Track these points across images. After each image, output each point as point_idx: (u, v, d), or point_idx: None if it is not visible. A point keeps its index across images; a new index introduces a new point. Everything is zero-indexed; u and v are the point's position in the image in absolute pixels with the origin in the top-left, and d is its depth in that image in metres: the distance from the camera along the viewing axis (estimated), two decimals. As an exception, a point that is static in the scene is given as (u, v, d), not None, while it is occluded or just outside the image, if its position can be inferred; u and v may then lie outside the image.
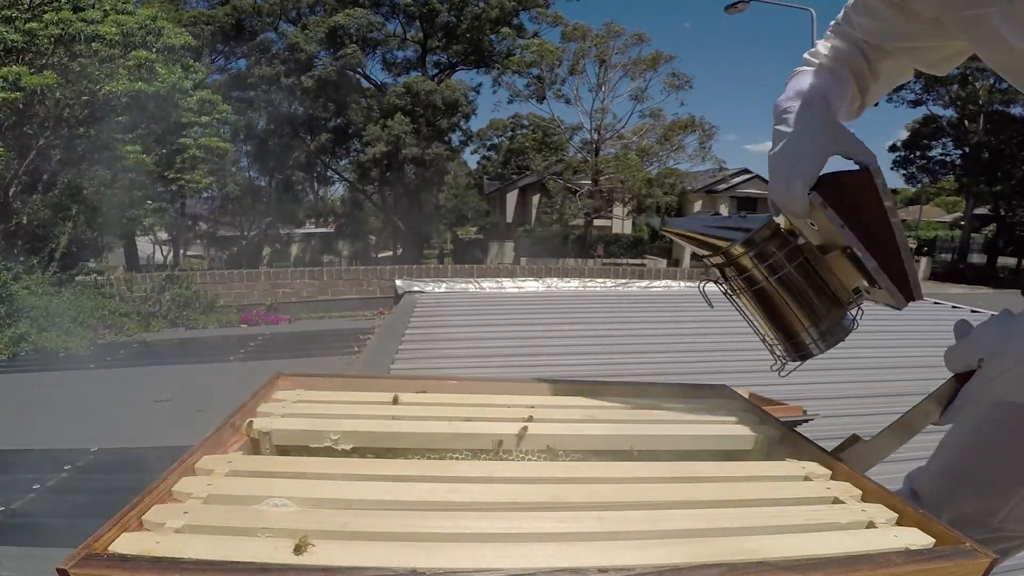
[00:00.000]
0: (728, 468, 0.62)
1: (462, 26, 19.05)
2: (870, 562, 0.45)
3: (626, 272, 7.02)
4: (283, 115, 19.10)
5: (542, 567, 0.43)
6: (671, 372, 3.20)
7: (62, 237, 6.10)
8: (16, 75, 5.43)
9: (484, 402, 0.79)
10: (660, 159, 20.41)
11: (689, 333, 4.08)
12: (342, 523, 0.48)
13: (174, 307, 5.63)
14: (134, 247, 13.35)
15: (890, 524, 0.53)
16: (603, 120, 19.92)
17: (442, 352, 3.63)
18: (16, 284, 4.65)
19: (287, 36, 18.30)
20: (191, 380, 3.56)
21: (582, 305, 5.28)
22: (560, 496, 0.54)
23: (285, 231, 21.24)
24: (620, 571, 0.42)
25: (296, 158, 19.77)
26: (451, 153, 19.77)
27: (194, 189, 8.95)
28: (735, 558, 0.46)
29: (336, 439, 0.67)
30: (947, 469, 0.89)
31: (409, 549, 0.45)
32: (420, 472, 0.57)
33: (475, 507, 0.52)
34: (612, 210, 22.29)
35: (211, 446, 0.62)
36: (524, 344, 3.88)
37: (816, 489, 0.59)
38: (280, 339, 4.71)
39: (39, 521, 1.93)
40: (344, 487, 0.54)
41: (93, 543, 0.43)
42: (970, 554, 0.46)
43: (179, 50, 7.39)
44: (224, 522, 0.48)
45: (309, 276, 6.42)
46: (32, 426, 2.78)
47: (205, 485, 0.53)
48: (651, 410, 0.78)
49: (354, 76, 19.13)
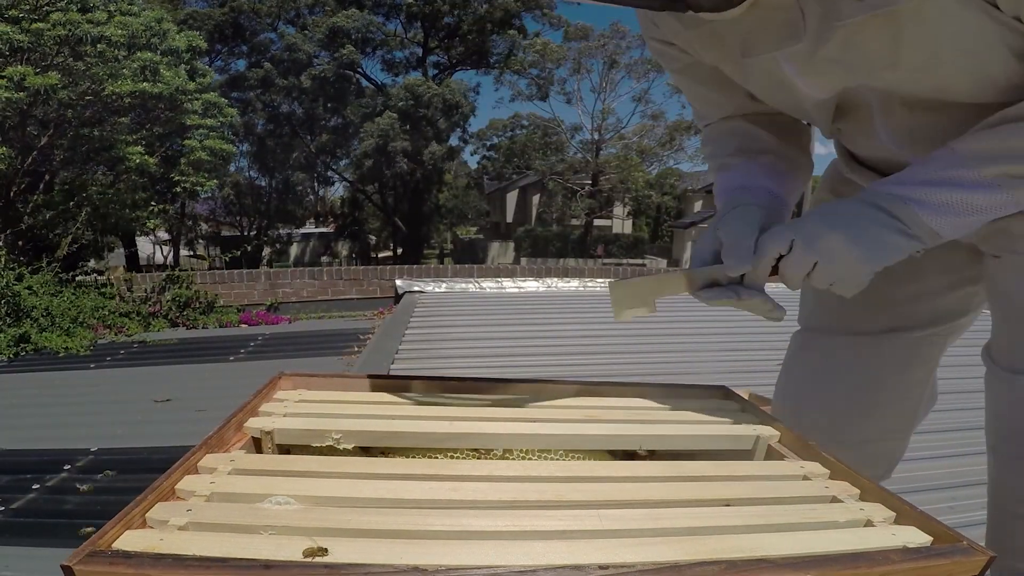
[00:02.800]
0: (728, 468, 0.63)
1: (464, 27, 19.06)
2: (868, 560, 0.45)
3: (626, 272, 7.02)
4: (282, 115, 19.12)
5: (543, 564, 0.43)
6: (671, 372, 3.20)
7: (66, 238, 6.10)
8: (21, 75, 5.44)
9: (484, 402, 0.80)
10: (661, 160, 20.44)
11: (689, 333, 4.08)
12: (344, 521, 0.48)
13: (174, 307, 5.62)
14: (134, 247, 13.36)
15: (888, 522, 0.54)
16: (604, 120, 19.94)
17: (442, 352, 3.64)
18: (19, 285, 4.65)
19: (286, 37, 18.31)
20: (191, 380, 3.56)
21: (582, 305, 5.28)
22: (561, 494, 0.54)
23: (285, 231, 21.25)
24: (621, 568, 0.43)
25: (296, 158, 19.78)
26: (450, 152, 19.78)
27: (197, 191, 8.96)
28: (734, 556, 0.46)
29: (338, 438, 0.67)
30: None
31: (411, 547, 0.45)
32: (422, 471, 0.58)
33: (476, 505, 0.53)
34: (612, 210, 22.29)
35: (214, 445, 0.63)
36: (524, 344, 3.88)
37: (815, 488, 0.59)
38: (280, 339, 4.71)
39: (39, 521, 1.93)
40: (346, 485, 0.54)
41: (97, 540, 0.44)
42: (967, 552, 0.47)
43: (184, 52, 7.39)
44: (227, 520, 0.48)
45: (309, 276, 6.42)
46: (32, 426, 2.78)
47: (208, 483, 0.54)
48: (651, 410, 0.79)
49: (354, 76, 19.14)
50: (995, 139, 0.65)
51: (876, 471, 0.96)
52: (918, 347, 0.92)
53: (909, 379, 0.94)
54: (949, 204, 0.66)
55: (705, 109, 0.91)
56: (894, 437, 0.97)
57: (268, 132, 18.97)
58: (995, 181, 0.65)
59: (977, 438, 2.59)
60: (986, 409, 0.82)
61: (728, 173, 0.85)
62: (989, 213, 0.66)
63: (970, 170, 0.65)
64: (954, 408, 2.26)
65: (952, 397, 0.99)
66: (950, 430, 2.35)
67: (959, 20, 0.59)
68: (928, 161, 0.68)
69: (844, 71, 0.68)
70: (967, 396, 2.41)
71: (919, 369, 0.94)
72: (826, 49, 0.65)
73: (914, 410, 0.97)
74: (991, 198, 0.66)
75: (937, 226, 0.67)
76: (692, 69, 0.83)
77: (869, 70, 0.67)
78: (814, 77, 0.70)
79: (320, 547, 0.44)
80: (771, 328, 0.74)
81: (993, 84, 0.65)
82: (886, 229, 0.67)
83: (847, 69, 0.67)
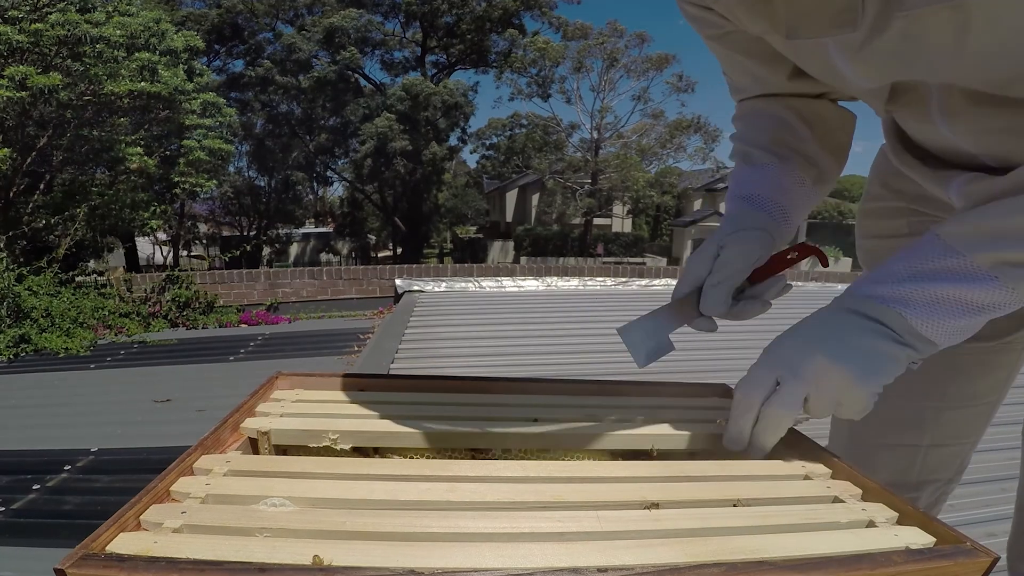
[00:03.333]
0: (728, 467, 0.62)
1: (462, 26, 19.06)
2: (871, 561, 0.45)
3: (626, 271, 7.01)
4: (281, 115, 19.13)
5: (541, 567, 0.43)
6: (671, 371, 3.19)
7: (66, 239, 6.10)
8: (23, 75, 5.43)
9: (484, 401, 0.79)
10: (660, 159, 20.45)
11: (689, 332, 4.07)
12: (340, 523, 0.48)
13: (174, 307, 5.62)
14: (134, 247, 13.37)
15: (891, 523, 0.53)
16: (603, 119, 19.95)
17: (442, 351, 3.64)
18: (20, 286, 4.65)
19: (283, 37, 18.31)
20: (191, 380, 3.56)
21: (582, 304, 5.28)
22: (559, 495, 0.54)
23: (285, 231, 21.26)
24: (620, 571, 0.42)
25: (295, 158, 19.79)
26: (449, 152, 19.79)
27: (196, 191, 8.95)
28: (735, 557, 0.45)
29: (335, 439, 0.67)
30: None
31: (407, 549, 0.44)
32: (419, 471, 0.57)
33: (474, 507, 0.52)
34: (612, 209, 22.29)
35: (209, 446, 0.62)
36: (524, 343, 3.88)
37: (816, 488, 0.59)
38: (280, 339, 4.70)
39: (39, 521, 1.92)
40: (342, 487, 0.53)
41: (91, 543, 0.43)
42: (971, 553, 0.46)
43: (181, 52, 7.39)
44: (222, 522, 0.48)
45: (309, 276, 6.41)
46: (32, 426, 2.78)
47: (203, 485, 0.53)
48: (651, 409, 0.78)
49: (352, 76, 19.14)
50: (985, 219, 0.57)
51: (945, 475, 0.93)
52: (994, 355, 0.85)
53: (985, 385, 0.88)
54: (940, 303, 0.57)
55: (742, 82, 0.81)
56: (963, 442, 0.92)
57: (267, 132, 18.98)
58: (991, 272, 0.56)
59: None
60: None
61: (747, 169, 0.79)
62: (989, 312, 0.57)
63: (959, 259, 0.57)
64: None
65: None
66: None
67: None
68: (911, 252, 0.60)
69: (899, 63, 0.61)
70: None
71: (997, 373, 0.87)
72: (882, 39, 0.58)
73: (986, 416, 0.91)
74: (989, 294, 0.56)
75: (929, 332, 0.58)
76: (731, 37, 0.74)
77: (927, 63, 0.60)
78: (865, 68, 0.63)
79: (320, 561, 0.43)
80: (771, 328, 0.73)
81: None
82: (875, 338, 0.58)
83: (903, 62, 0.61)
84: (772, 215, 0.74)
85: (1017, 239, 0.55)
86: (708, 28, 0.74)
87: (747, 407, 0.62)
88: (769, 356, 0.63)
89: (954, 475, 0.94)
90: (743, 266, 0.71)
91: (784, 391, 0.60)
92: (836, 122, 0.81)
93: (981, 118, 0.64)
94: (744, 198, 0.76)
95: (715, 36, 0.75)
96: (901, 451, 0.89)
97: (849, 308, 0.61)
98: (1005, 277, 0.56)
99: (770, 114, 0.79)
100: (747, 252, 0.71)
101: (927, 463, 0.90)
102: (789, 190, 0.76)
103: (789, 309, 0.77)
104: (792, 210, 0.76)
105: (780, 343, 0.63)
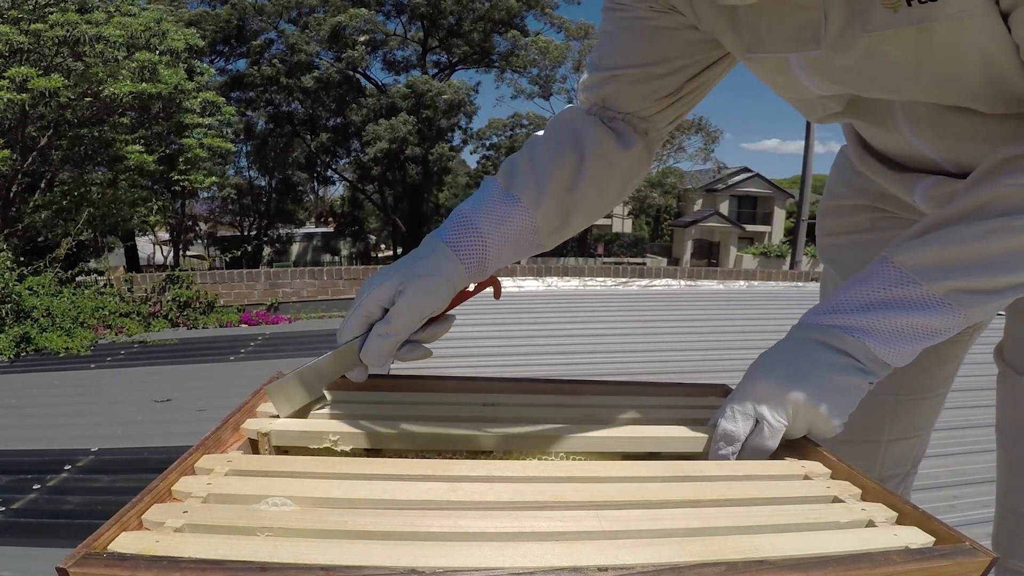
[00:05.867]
0: (728, 467, 0.62)
1: (465, 26, 19.06)
2: (870, 561, 0.45)
3: (626, 271, 7.02)
4: (283, 114, 19.13)
5: (542, 566, 0.43)
6: (671, 371, 3.20)
7: (66, 238, 6.11)
8: (24, 76, 5.44)
9: (483, 401, 0.79)
10: (661, 159, 20.45)
11: (689, 332, 4.08)
12: (341, 522, 0.48)
13: (174, 307, 5.62)
14: (134, 247, 13.37)
15: (890, 523, 0.53)
16: (603, 119, 19.93)
17: (442, 352, 3.64)
18: (20, 286, 4.65)
19: (287, 36, 18.31)
20: (191, 380, 3.56)
21: (582, 304, 5.28)
22: (560, 495, 0.54)
23: (285, 231, 21.26)
24: (620, 570, 0.42)
25: (296, 157, 19.79)
26: (452, 153, 19.79)
27: (196, 190, 8.96)
28: (735, 557, 0.46)
29: (335, 439, 0.67)
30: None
31: (408, 548, 0.45)
32: (419, 471, 0.57)
33: (474, 506, 0.52)
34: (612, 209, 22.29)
35: (211, 446, 0.62)
36: (524, 343, 3.88)
37: (816, 488, 0.59)
38: (280, 339, 4.70)
39: (39, 521, 1.93)
40: (343, 486, 0.54)
41: (92, 542, 0.43)
42: (970, 552, 0.46)
43: (182, 52, 7.39)
44: (223, 521, 0.48)
45: (309, 276, 6.42)
46: (32, 426, 2.78)
47: (205, 484, 0.54)
48: (651, 409, 0.78)
49: (355, 76, 19.14)
50: (939, 247, 0.58)
51: (903, 468, 0.96)
52: (946, 347, 0.87)
53: (939, 377, 0.92)
54: (901, 331, 0.59)
55: (615, 60, 0.74)
56: (919, 434, 0.96)
57: (268, 131, 18.98)
58: (945, 299, 0.58)
59: (978, 436, 2.62)
60: (997, 409, 0.82)
61: (496, 191, 0.72)
62: (943, 335, 0.60)
63: (916, 288, 0.59)
64: (954, 407, 2.26)
65: (953, 395, 0.99)
66: (951, 428, 2.35)
67: (991, 36, 0.54)
68: (867, 278, 0.62)
69: (861, 80, 0.63)
70: (969, 394, 2.41)
71: (948, 366, 0.91)
72: (845, 58, 0.59)
73: (938, 407, 0.95)
74: (944, 320, 0.59)
75: (889, 358, 0.61)
76: (640, 23, 0.71)
77: (887, 81, 0.61)
78: (826, 83, 0.65)
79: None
80: (771, 327, 0.73)
81: (1019, 101, 0.59)
82: (846, 373, 0.61)
83: (864, 79, 0.62)
84: (468, 270, 0.69)
85: (969, 268, 0.57)
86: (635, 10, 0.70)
87: (728, 442, 0.65)
88: (747, 394, 0.64)
89: (911, 468, 0.98)
90: (417, 320, 0.67)
91: (765, 430, 0.63)
92: (629, 174, 0.78)
93: (946, 124, 0.66)
94: (460, 227, 0.69)
95: (630, 16, 0.71)
96: (862, 448, 0.92)
97: (814, 338, 0.62)
98: (958, 304, 0.58)
99: (578, 145, 0.73)
100: (424, 307, 0.67)
101: (887, 458, 0.93)
102: (513, 241, 0.71)
103: (790, 309, 0.77)
104: (495, 263, 0.71)
105: (755, 380, 0.64)
